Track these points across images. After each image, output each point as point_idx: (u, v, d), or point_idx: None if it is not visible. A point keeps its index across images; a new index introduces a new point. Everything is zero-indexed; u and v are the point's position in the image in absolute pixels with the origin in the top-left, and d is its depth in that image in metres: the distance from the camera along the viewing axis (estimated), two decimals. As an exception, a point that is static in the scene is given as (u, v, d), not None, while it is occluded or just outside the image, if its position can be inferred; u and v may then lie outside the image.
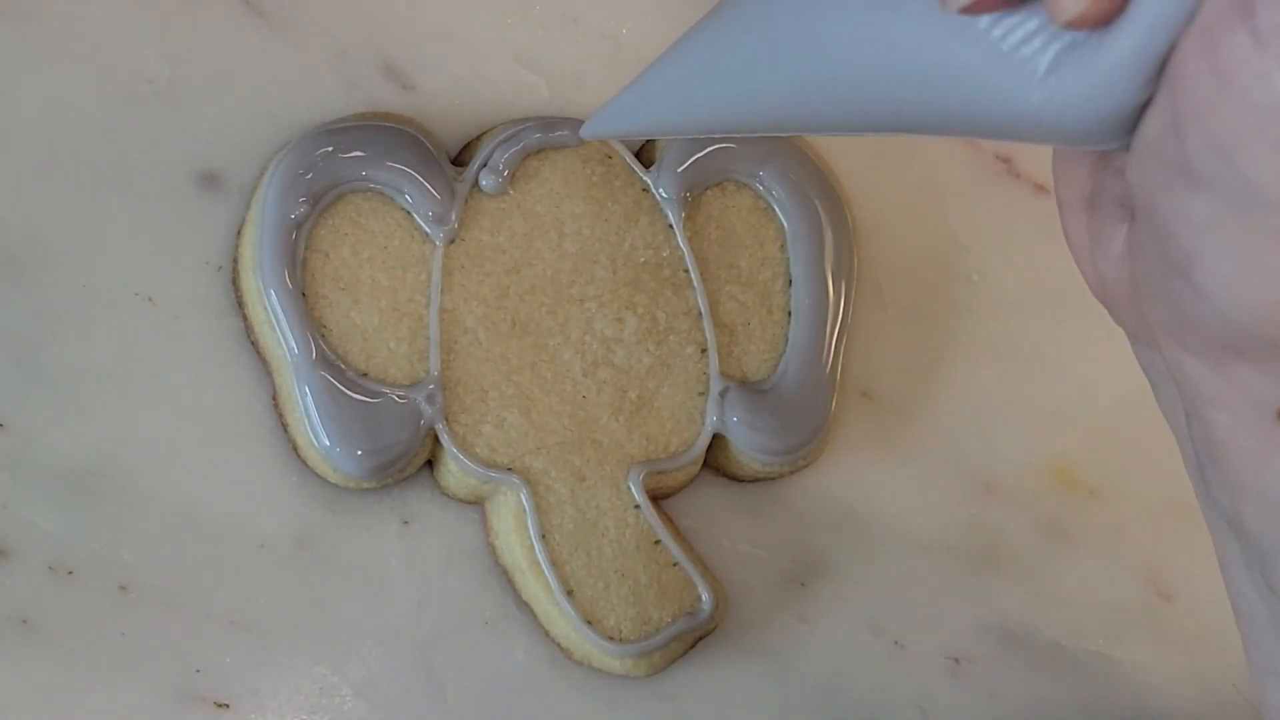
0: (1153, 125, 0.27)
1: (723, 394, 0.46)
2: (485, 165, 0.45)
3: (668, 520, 0.46)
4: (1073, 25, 0.27)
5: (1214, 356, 0.29)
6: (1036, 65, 0.28)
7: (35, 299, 0.43)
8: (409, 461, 0.44)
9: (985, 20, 0.28)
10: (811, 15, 0.32)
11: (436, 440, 0.44)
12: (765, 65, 0.33)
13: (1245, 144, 0.26)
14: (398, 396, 0.43)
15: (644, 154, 0.47)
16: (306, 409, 0.43)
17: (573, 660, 0.45)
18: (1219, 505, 0.31)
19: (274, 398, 0.44)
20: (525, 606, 0.45)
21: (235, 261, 0.44)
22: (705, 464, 0.47)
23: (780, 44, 0.32)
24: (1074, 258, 0.33)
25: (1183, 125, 0.26)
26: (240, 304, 0.44)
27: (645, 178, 0.46)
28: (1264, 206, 0.26)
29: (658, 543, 0.45)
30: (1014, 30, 0.28)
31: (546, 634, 0.45)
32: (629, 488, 0.45)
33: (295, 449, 0.44)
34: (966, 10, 0.28)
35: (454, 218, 0.45)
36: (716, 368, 0.46)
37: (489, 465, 0.44)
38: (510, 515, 0.44)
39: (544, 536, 0.44)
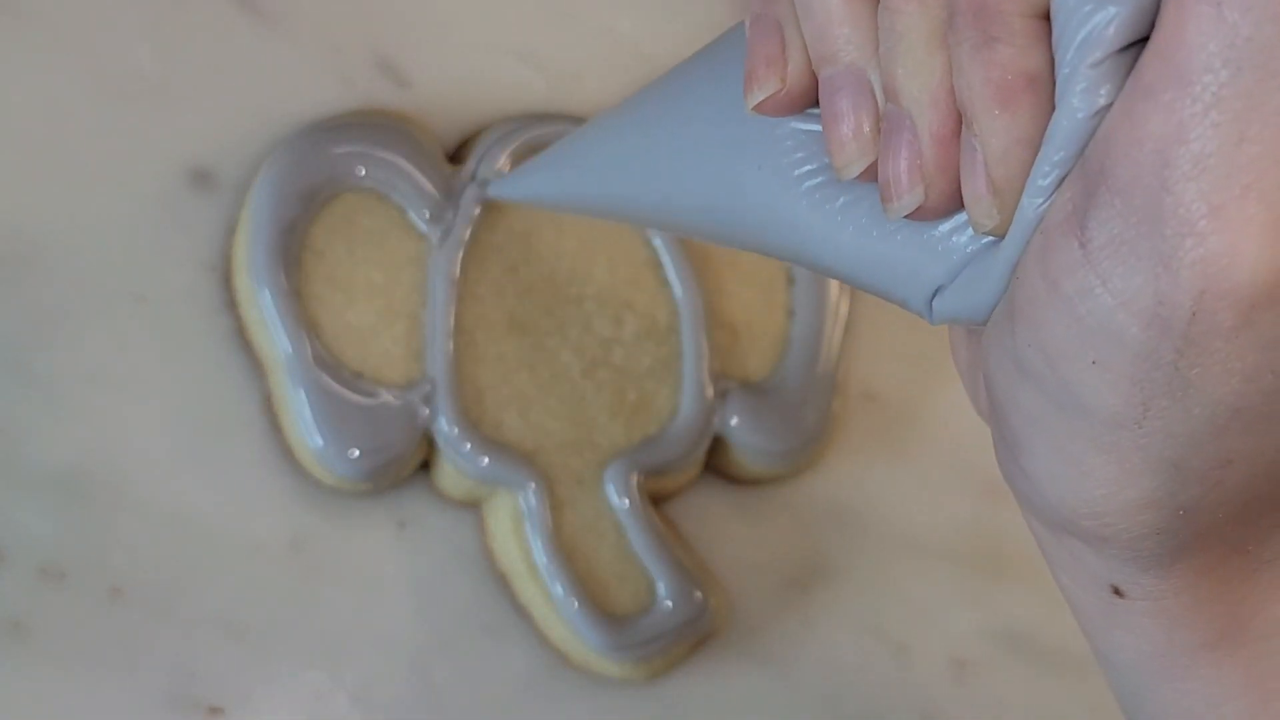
0: (997, 312, 0.27)
1: (723, 395, 0.45)
2: (482, 163, 0.45)
3: (668, 523, 0.45)
4: (990, 234, 0.27)
5: (1050, 527, 0.29)
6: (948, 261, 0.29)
7: (25, 299, 0.43)
8: (405, 463, 0.44)
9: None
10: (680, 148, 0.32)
11: (432, 442, 0.44)
12: (648, 176, 0.34)
13: (1067, 355, 0.25)
14: (393, 397, 0.43)
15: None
16: (300, 410, 0.43)
17: (571, 665, 0.45)
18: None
19: (267, 399, 0.44)
20: (523, 611, 0.45)
21: (228, 261, 0.44)
22: (706, 466, 0.46)
23: (663, 165, 0.33)
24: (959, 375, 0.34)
25: (1016, 320, 0.26)
26: (233, 303, 0.44)
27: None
28: (1083, 414, 0.26)
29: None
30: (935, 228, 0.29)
31: (545, 639, 0.45)
32: (606, 490, 0.44)
33: (289, 451, 0.44)
34: (914, 216, 0.28)
35: (450, 216, 0.44)
36: (714, 368, 0.46)
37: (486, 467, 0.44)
38: (508, 518, 0.44)
39: (542, 539, 0.44)
